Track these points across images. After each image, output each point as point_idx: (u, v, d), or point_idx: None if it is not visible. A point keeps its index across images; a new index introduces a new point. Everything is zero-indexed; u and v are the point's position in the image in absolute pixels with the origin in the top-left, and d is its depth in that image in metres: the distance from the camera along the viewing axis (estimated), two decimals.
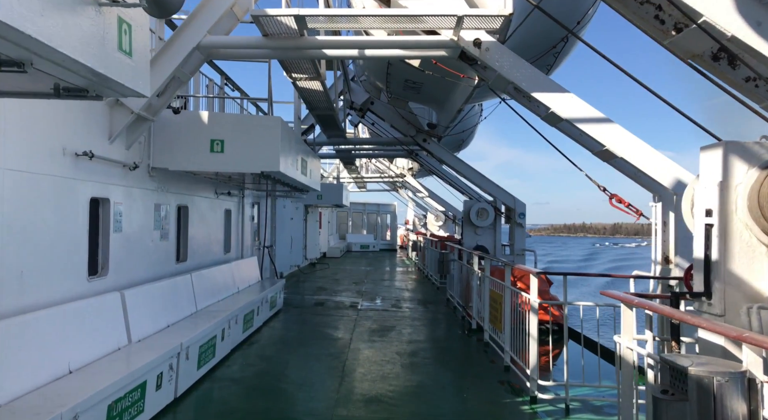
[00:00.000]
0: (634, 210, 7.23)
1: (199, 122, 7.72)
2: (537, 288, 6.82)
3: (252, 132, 7.78)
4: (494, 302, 9.07)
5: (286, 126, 8.47)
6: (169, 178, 8.31)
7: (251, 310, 9.66)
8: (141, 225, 7.42)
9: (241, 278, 11.14)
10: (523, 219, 14.63)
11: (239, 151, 7.74)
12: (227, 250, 11.63)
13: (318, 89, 9.07)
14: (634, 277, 7.03)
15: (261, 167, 7.78)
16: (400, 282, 19.32)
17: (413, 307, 13.62)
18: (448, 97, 11.26)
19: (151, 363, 5.44)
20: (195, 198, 9.53)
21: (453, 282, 13.86)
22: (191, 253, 9.29)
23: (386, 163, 28.75)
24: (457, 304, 13.02)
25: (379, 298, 15.15)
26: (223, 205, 11.24)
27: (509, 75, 6.69)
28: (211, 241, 10.42)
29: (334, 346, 9.32)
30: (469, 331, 10.71)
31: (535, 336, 6.79)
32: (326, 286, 17.64)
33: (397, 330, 10.72)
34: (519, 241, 14.59)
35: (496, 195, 14.71)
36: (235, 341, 8.63)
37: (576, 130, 7.09)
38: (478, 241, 14.77)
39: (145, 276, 7.42)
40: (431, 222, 33.30)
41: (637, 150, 6.49)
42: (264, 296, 10.74)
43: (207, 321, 7.57)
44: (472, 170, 14.82)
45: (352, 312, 12.73)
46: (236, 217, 12.29)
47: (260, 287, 11.60)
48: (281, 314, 12.17)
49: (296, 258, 19.73)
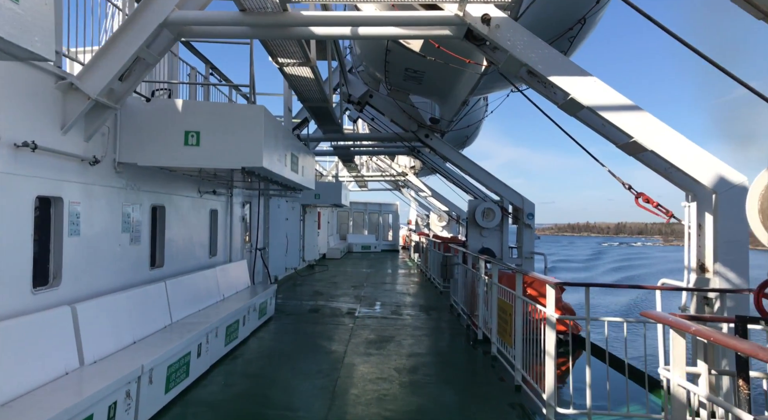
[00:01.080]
0: (664, 211, 6.34)
1: (172, 111, 6.86)
2: (555, 300, 5.96)
3: (231, 123, 6.92)
4: (503, 312, 8.20)
5: (271, 117, 7.61)
6: (141, 174, 7.46)
7: (235, 321, 8.80)
8: (105, 227, 6.57)
9: (227, 284, 10.29)
10: (531, 220, 13.75)
11: (217, 144, 6.88)
12: (213, 254, 10.78)
13: (308, 77, 8.20)
14: (665, 288, 6.15)
15: (241, 162, 6.92)
16: (402, 286, 18.45)
17: (414, 314, 12.75)
18: (452, 87, 10.38)
19: (101, 392, 4.58)
20: (174, 197, 8.68)
21: (457, 287, 12.99)
22: (169, 257, 8.43)
23: (387, 161, 27.86)
24: (461, 311, 12.15)
25: (378, 303, 14.28)
26: (207, 205, 10.39)
27: (523, 56, 5.82)
28: (193, 244, 9.57)
29: (326, 360, 8.46)
30: (475, 342, 9.84)
31: (552, 355, 5.92)
32: (323, 290, 16.77)
33: (396, 341, 9.85)
34: (527, 243, 13.71)
35: (502, 194, 13.83)
36: (215, 356, 7.77)
37: (598, 120, 6.21)
38: (483, 243, 13.90)
39: (110, 285, 6.57)
40: (434, 222, 32.42)
41: (671, 142, 5.61)
42: (252, 304, 9.89)
43: (180, 336, 6.72)
44: (477, 168, 13.94)
45: (348, 320, 11.86)
46: (223, 218, 11.44)
47: (249, 294, 10.74)
48: (272, 322, 11.31)
49: (292, 260, 18.87)
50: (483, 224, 13.68)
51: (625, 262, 79.96)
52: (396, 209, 38.02)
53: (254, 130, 6.95)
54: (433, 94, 12.19)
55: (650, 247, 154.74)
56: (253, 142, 6.94)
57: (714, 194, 5.57)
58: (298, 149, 10.35)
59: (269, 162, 7.39)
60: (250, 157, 6.96)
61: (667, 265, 74.76)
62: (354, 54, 13.16)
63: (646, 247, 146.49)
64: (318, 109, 10.69)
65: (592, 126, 6.40)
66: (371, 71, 12.29)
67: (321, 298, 15.11)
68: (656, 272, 63.75)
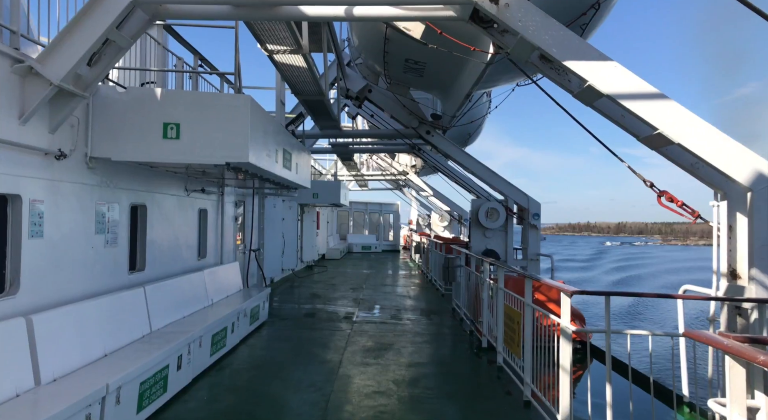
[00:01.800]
0: (689, 211, 5.75)
1: (150, 101, 6.27)
2: (570, 310, 5.36)
3: (214, 114, 6.32)
4: (510, 320, 7.60)
5: (259, 108, 7.02)
6: (119, 170, 6.88)
7: (223, 328, 8.22)
8: (75, 229, 5.98)
9: (216, 288, 9.70)
10: (537, 220, 13.15)
11: (198, 137, 6.29)
12: (202, 256, 10.20)
13: (301, 66, 7.62)
14: (693, 297, 5.56)
15: (226, 157, 6.33)
16: (402, 288, 17.86)
17: (415, 319, 12.16)
18: (455, 79, 9.79)
19: (55, 418, 3.99)
20: (156, 195, 8.09)
21: (459, 290, 12.41)
22: (151, 260, 7.85)
23: (388, 159, 27.26)
24: (464, 315, 11.56)
25: (377, 307, 13.69)
26: (195, 204, 9.80)
27: (535, 38, 5.23)
28: (179, 245, 8.99)
29: (319, 371, 7.87)
30: (479, 350, 9.26)
31: (567, 370, 5.33)
32: (320, 292, 16.18)
33: (395, 349, 9.25)
34: (533, 245, 13.11)
35: (507, 193, 13.23)
36: (198, 368, 7.19)
37: (617, 110, 5.61)
38: (487, 245, 13.31)
39: (80, 292, 5.99)
40: (435, 222, 31.82)
41: (701, 134, 5.02)
42: (242, 309, 9.31)
43: (158, 347, 6.13)
44: (480, 166, 13.34)
45: (346, 325, 11.27)
46: (214, 218, 10.85)
47: (240, 298, 10.16)
48: (265, 328, 10.72)
49: (290, 261, 18.29)
50: (486, 225, 13.09)
51: (626, 262, 79.39)
52: (397, 209, 37.42)
53: (239, 121, 6.36)
54: (435, 88, 11.60)
55: (651, 246, 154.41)
56: (238, 135, 6.35)
57: (749, 192, 4.98)
58: (291, 145, 9.76)
59: (257, 157, 6.80)
60: (235, 151, 6.37)
61: (669, 265, 74.25)
62: (352, 46, 12.58)
63: (648, 247, 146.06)
64: (313, 104, 10.10)
65: (610, 117, 5.79)
66: (370, 64, 11.70)
67: (318, 301, 14.53)
68: (658, 272, 63.19)
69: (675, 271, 63.64)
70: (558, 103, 6.14)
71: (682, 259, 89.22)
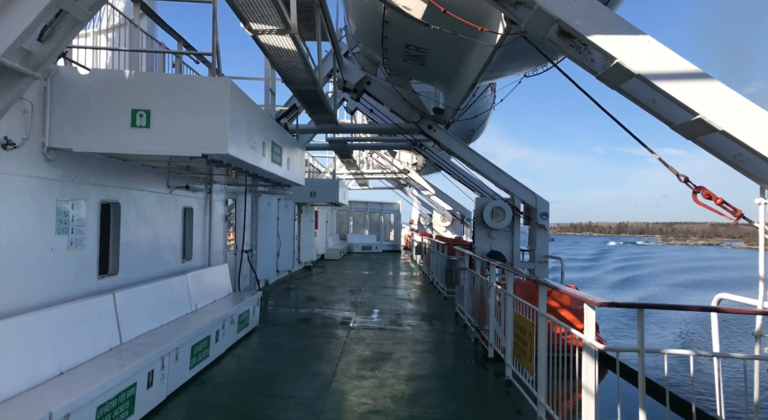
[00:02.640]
0: (731, 210, 5.02)
1: (117, 84, 5.56)
2: (594, 323, 4.64)
3: (189, 99, 5.61)
4: (520, 331, 6.87)
5: (241, 95, 6.30)
6: (86, 164, 6.16)
7: (206, 337, 7.50)
8: (29, 228, 5.27)
9: (201, 293, 8.99)
10: (545, 220, 12.43)
11: (171, 125, 5.57)
12: (186, 258, 9.48)
13: (290, 49, 6.89)
14: (735, 311, 4.84)
15: (202, 148, 5.61)
16: (403, 290, 17.13)
17: (416, 324, 11.44)
18: (460, 68, 9.06)
19: None
20: (133, 192, 7.38)
21: (463, 294, 11.69)
22: (125, 263, 7.14)
23: (388, 157, 26.52)
24: (468, 321, 10.85)
25: (376, 311, 12.96)
26: (179, 202, 9.09)
27: (555, 9, 4.52)
28: (159, 247, 8.28)
29: (310, 385, 7.15)
30: (485, 361, 8.54)
31: (592, 392, 4.61)
32: (317, 295, 15.46)
33: (394, 359, 8.53)
34: (541, 246, 12.39)
35: (513, 191, 12.50)
36: (175, 383, 6.47)
37: (648, 93, 4.88)
38: (492, 246, 12.59)
39: (35, 300, 5.28)
40: (437, 222, 31.09)
41: (751, 120, 4.29)
42: (228, 315, 8.59)
43: (125, 362, 5.42)
44: (485, 162, 12.62)
45: (342, 331, 10.56)
46: (201, 217, 10.14)
47: (228, 303, 9.45)
48: (255, 335, 10.01)
49: (286, 262, 17.58)
50: (492, 225, 12.37)
51: (629, 262, 78.73)
52: (398, 208, 36.68)
53: (218, 108, 5.64)
54: (438, 78, 10.88)
55: (654, 246, 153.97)
56: (216, 124, 5.63)
57: None
58: (282, 139, 9.05)
59: (238, 149, 6.08)
60: (213, 141, 5.65)
61: (673, 265, 73.57)
62: (349, 33, 11.86)
63: (651, 247, 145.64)
64: (307, 95, 9.38)
65: (640, 102, 5.05)
66: (368, 53, 10.98)
67: (314, 304, 13.81)
68: (662, 272, 62.48)
69: (681, 272, 63.01)
70: (579, 86, 5.40)
71: (687, 259, 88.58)
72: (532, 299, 9.07)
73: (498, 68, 9.75)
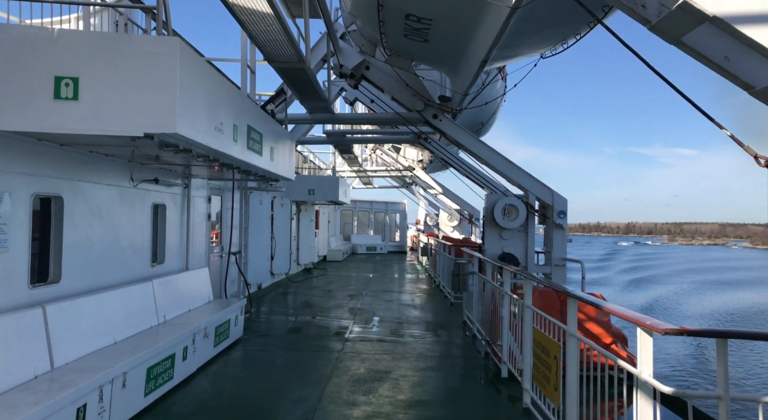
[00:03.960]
0: None
1: (35, 44, 4.41)
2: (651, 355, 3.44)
3: (128, 63, 4.47)
4: (542, 351, 5.67)
5: (198, 61, 5.15)
6: (11, 149, 5.03)
7: (168, 356, 6.36)
8: None
9: (172, 301, 7.85)
10: (563, 218, 11.21)
11: (105, 97, 4.43)
12: (158, 261, 8.35)
13: (264, 12, 5.73)
14: None
15: (144, 126, 4.46)
16: (407, 295, 15.93)
17: (419, 335, 10.25)
18: (468, 42, 7.87)
19: None
20: (82, 185, 6.25)
21: (471, 301, 10.50)
22: (70, 269, 6.00)
23: (393, 154, 25.31)
24: (477, 332, 9.67)
25: (376, 319, 11.79)
26: (147, 198, 7.95)
27: None
28: (120, 249, 7.14)
29: (289, 415, 6.00)
30: (497, 380, 7.37)
31: None
32: (314, 300, 14.31)
33: (392, 379, 7.36)
34: (558, 248, 11.17)
35: (528, 188, 11.29)
36: (124, 415, 5.32)
37: (721, 46, 3.68)
38: (504, 247, 11.38)
39: None
40: (444, 222, 29.84)
41: None
42: (200, 328, 7.45)
43: (49, 395, 4.28)
44: (496, 155, 11.41)
45: (336, 343, 9.39)
46: (176, 215, 9.00)
47: (205, 313, 8.32)
48: (237, 348, 8.87)
49: (281, 265, 16.44)
50: (503, 224, 11.16)
51: (639, 263, 77.23)
52: (404, 208, 35.47)
53: (164, 75, 4.49)
54: (443, 58, 9.68)
55: (658, 246, 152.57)
56: (161, 95, 4.47)
57: None
58: (264, 125, 7.90)
59: (194, 129, 4.92)
60: (158, 118, 4.49)
61: (683, 265, 71.89)
62: (344, 9, 10.70)
63: (656, 247, 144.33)
64: (293, 75, 8.22)
65: (706, 57, 3.85)
66: (366, 30, 9.81)
67: (309, 311, 12.65)
68: (672, 273, 60.90)
69: (694, 272, 61.56)
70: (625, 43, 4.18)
71: (699, 260, 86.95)
72: (550, 309, 7.82)
73: (512, 45, 8.56)
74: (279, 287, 16.35)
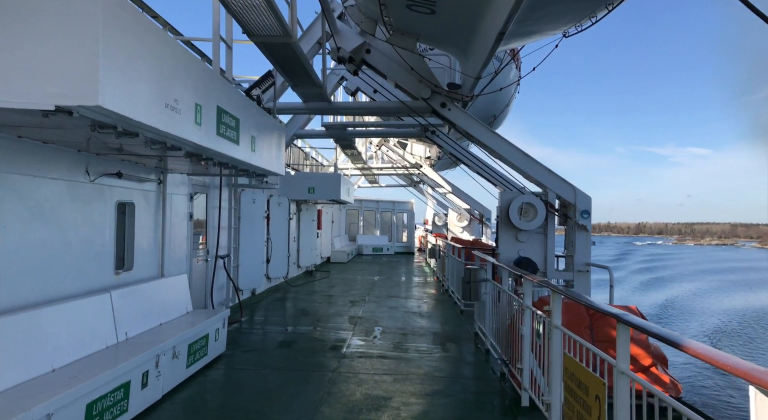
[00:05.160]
0: None
1: None
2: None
3: (31, 13, 3.38)
4: (578, 386, 4.50)
5: (137, 16, 4.04)
6: None
7: (119, 386, 5.25)
8: None
9: (139, 314, 6.77)
10: (587, 219, 10.04)
11: (3, 59, 3.34)
12: (126, 267, 7.28)
13: None
14: None
15: (55, 97, 3.35)
16: (413, 300, 14.78)
17: (426, 350, 9.11)
18: (482, 13, 6.71)
19: None
20: (16, 178, 5.17)
21: (484, 310, 9.37)
22: (3, 279, 4.92)
23: (399, 151, 24.14)
24: (491, 347, 8.55)
25: (378, 330, 10.66)
26: (110, 194, 6.88)
27: None
28: (73, 255, 6.06)
29: None
30: (516, 408, 6.24)
31: None
32: (312, 307, 13.20)
33: (392, 408, 6.23)
34: (582, 252, 10.00)
35: (547, 184, 10.12)
36: None
37: None
38: (520, 251, 10.23)
39: None
40: (453, 222, 28.65)
41: None
42: (168, 348, 6.36)
43: None
44: (512, 148, 10.25)
45: (331, 360, 8.28)
46: (149, 216, 7.93)
47: (179, 327, 7.23)
48: (216, 367, 7.77)
49: (279, 268, 15.36)
50: (520, 225, 10.00)
51: (651, 263, 75.68)
52: (411, 207, 34.29)
53: (81, 28, 3.39)
54: (453, 35, 8.53)
55: (668, 246, 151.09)
56: (77, 54, 3.37)
57: None
58: (241, 110, 6.79)
59: (130, 103, 3.80)
60: (73, 85, 3.38)
61: (696, 266, 70.27)
62: None
63: (668, 247, 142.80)
64: (278, 52, 7.10)
65: None
66: (365, 4, 8.67)
67: (305, 320, 11.54)
68: (686, 273, 59.33)
69: (709, 273, 60.09)
70: None
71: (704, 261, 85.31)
72: (578, 325, 6.65)
73: (531, 17, 7.41)
74: (276, 292, 15.26)
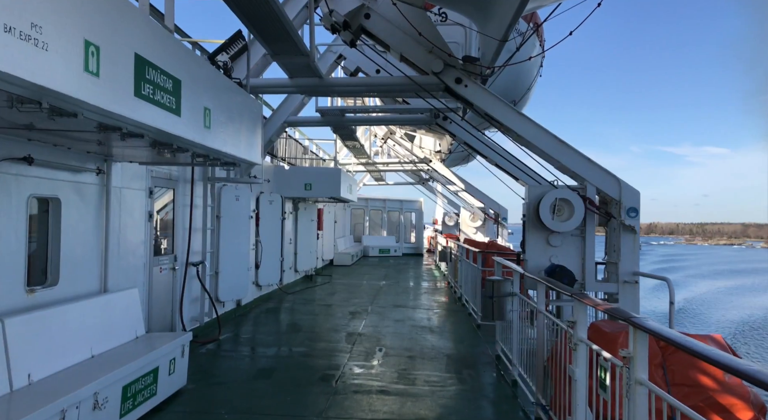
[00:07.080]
0: None
1: None
2: None
3: None
4: None
5: None
6: None
7: None
8: None
9: (53, 348, 5.05)
10: (635, 218, 8.22)
11: None
12: (49, 282, 5.58)
13: None
14: None
15: None
16: (423, 311, 12.99)
17: (438, 381, 7.33)
18: None
19: None
20: None
21: (509, 331, 7.61)
22: None
23: (406, 144, 22.32)
24: (519, 378, 6.81)
25: (380, 352, 8.89)
26: (19, 187, 5.17)
27: None
28: None
29: None
30: None
31: None
32: (305, 321, 11.46)
33: None
34: (628, 259, 8.18)
35: (586, 177, 8.30)
36: None
37: None
38: (552, 257, 8.40)
39: None
40: (465, 222, 26.80)
41: None
42: (85, 396, 4.63)
43: None
44: (542, 132, 8.44)
45: (318, 397, 6.54)
46: (83, 215, 6.21)
47: (121, 357, 5.51)
48: (169, 410, 6.04)
49: (270, 274, 13.65)
50: (553, 226, 8.18)
51: (666, 264, 73.71)
52: (420, 206, 32.48)
53: None
54: None
55: (675, 245, 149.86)
56: None
57: None
58: (186, 70, 5.04)
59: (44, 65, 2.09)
60: None
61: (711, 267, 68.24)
62: None
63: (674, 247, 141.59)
64: (249, 8, 5.35)
65: None
66: None
67: (294, 339, 9.81)
68: (701, 274, 57.33)
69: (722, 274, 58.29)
70: None
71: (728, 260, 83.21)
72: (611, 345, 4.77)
73: None
74: (267, 302, 13.52)
